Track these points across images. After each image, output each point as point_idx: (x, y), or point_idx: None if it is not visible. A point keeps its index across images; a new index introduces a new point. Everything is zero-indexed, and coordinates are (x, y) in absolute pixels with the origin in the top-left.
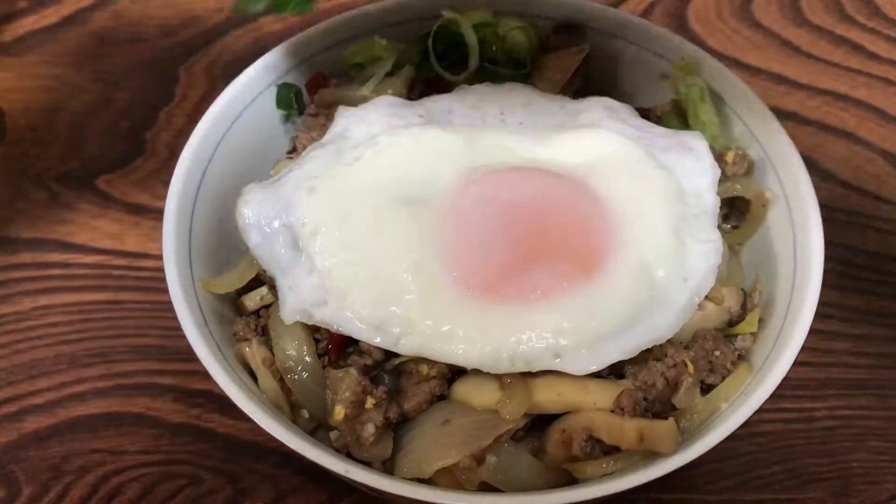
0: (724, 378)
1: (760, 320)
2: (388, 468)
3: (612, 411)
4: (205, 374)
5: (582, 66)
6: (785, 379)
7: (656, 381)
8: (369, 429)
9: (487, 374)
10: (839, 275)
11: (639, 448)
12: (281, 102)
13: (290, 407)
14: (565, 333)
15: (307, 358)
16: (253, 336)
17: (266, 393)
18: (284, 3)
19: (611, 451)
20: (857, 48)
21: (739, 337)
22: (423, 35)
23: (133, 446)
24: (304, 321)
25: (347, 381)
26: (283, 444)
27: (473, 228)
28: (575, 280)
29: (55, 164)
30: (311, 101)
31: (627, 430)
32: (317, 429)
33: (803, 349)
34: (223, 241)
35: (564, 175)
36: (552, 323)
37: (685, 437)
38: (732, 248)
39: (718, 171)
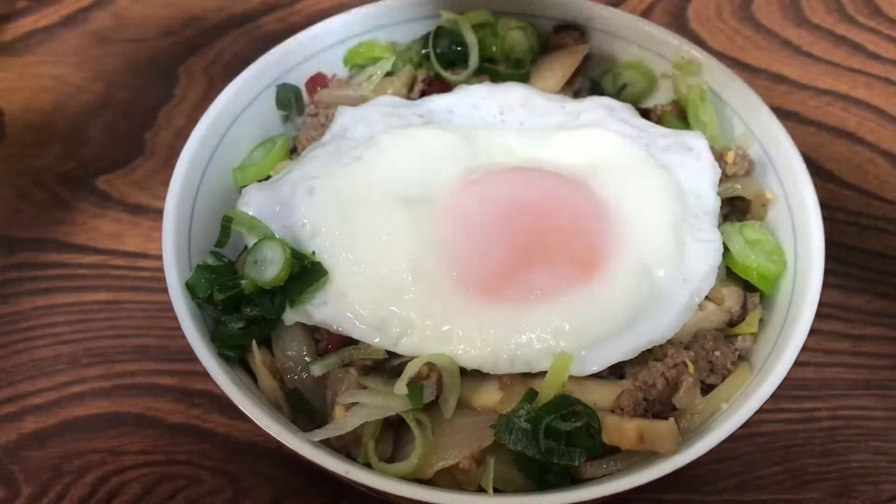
0: (724, 378)
1: (760, 320)
2: (387, 468)
3: (612, 411)
4: (205, 375)
5: (582, 66)
6: (785, 379)
7: (656, 381)
8: (369, 429)
9: (487, 374)
10: (839, 275)
11: (639, 448)
12: (281, 102)
13: (290, 407)
14: (565, 334)
15: (307, 358)
16: None
17: (266, 393)
18: None
19: (611, 451)
20: (857, 48)
21: (740, 337)
22: (423, 35)
23: (133, 446)
24: (303, 321)
25: (347, 381)
26: (282, 445)
27: (473, 229)
28: (575, 281)
29: (55, 164)
30: (310, 101)
31: (627, 430)
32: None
33: (803, 349)
34: None
35: (564, 175)
36: (552, 324)
37: (685, 437)
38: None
39: (719, 171)
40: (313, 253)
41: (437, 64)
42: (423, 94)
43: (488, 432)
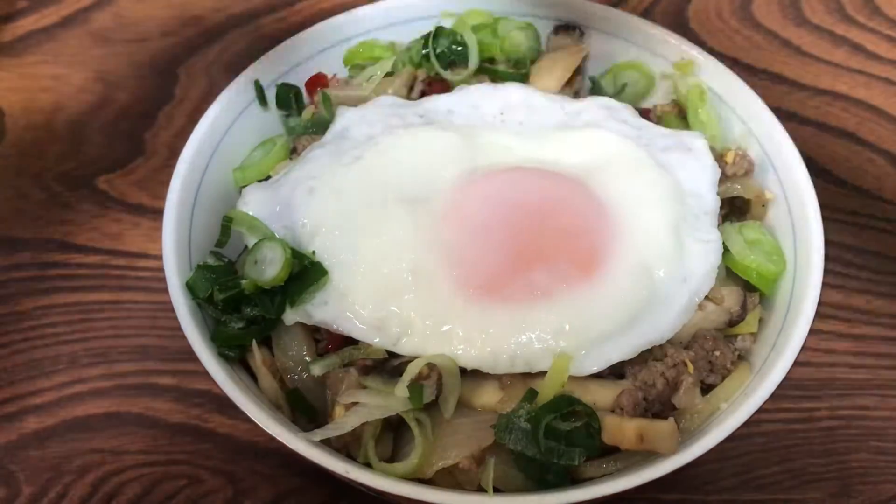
0: (724, 378)
1: (760, 320)
2: (387, 468)
3: (612, 411)
4: (205, 374)
5: (582, 66)
6: (785, 379)
7: (656, 381)
8: (369, 429)
9: (487, 374)
10: (839, 275)
11: (639, 448)
12: (281, 102)
13: (290, 407)
14: (565, 334)
15: (307, 358)
16: None
17: (266, 393)
18: None
19: (611, 451)
20: (857, 48)
21: (739, 337)
22: (423, 35)
23: (133, 446)
24: (303, 321)
25: (347, 381)
26: (283, 445)
27: (473, 229)
28: (574, 280)
29: (55, 164)
30: (310, 101)
31: (627, 430)
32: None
33: (803, 349)
34: None
35: (564, 175)
36: (552, 324)
37: (685, 437)
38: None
39: (718, 171)
40: (313, 253)
41: (437, 64)
42: (423, 94)
43: (488, 432)
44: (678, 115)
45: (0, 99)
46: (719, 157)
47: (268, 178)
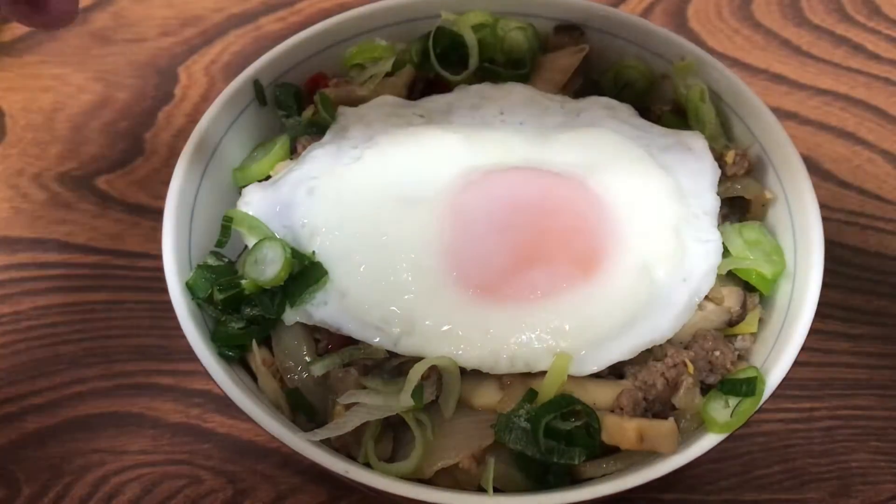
0: (724, 378)
1: (760, 320)
2: (387, 468)
3: (612, 411)
4: (205, 374)
5: (582, 66)
6: (785, 379)
7: (656, 381)
8: (369, 429)
9: (487, 374)
10: (839, 275)
11: (639, 448)
12: (281, 102)
13: (290, 407)
14: (565, 334)
15: (307, 358)
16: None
17: (266, 393)
18: None
19: (611, 451)
20: (857, 48)
21: (739, 337)
22: (423, 35)
23: (133, 446)
24: (303, 321)
25: (347, 381)
26: (282, 445)
27: (473, 229)
28: (575, 280)
29: (55, 164)
30: (310, 101)
31: (627, 430)
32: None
33: (803, 349)
34: None
35: (564, 175)
36: (552, 324)
37: (685, 437)
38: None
39: (718, 171)
40: (313, 253)
41: (436, 64)
42: (423, 94)
43: (488, 432)
44: (678, 115)
45: (0, 99)
46: (719, 157)
47: (268, 178)
